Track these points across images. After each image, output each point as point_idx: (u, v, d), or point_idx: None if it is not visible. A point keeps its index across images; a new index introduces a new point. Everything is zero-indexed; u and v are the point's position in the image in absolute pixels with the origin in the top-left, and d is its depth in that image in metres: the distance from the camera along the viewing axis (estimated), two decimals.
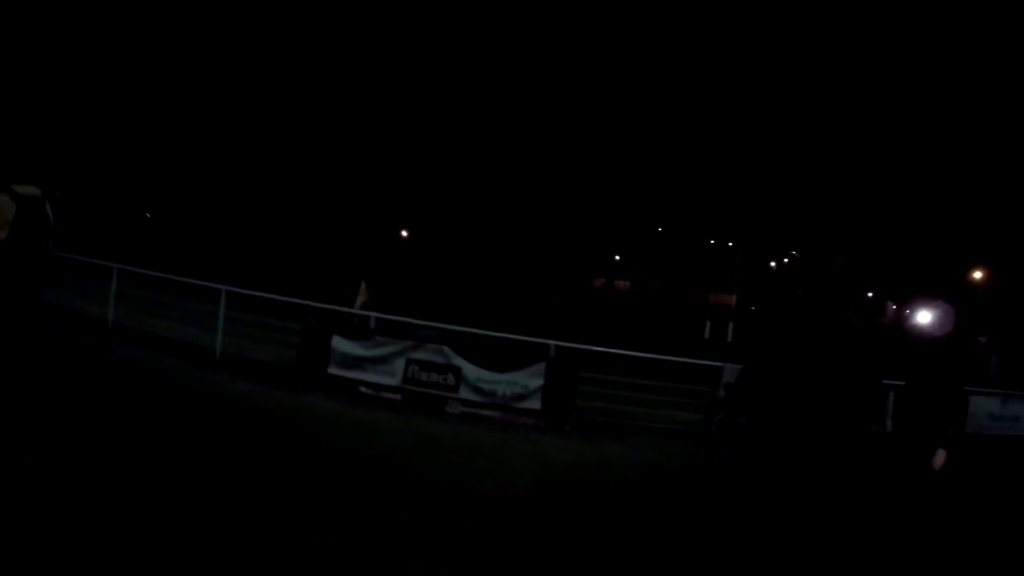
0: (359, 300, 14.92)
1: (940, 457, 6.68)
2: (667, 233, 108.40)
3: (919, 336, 7.04)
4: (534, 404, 11.29)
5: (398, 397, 11.47)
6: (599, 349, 12.62)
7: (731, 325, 53.07)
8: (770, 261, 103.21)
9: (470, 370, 11.42)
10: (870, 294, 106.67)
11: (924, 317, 7.01)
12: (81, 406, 7.71)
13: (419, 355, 11.59)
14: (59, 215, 6.05)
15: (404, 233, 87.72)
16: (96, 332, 13.04)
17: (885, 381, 9.76)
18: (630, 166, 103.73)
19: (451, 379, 11.44)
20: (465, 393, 11.38)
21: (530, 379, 11.36)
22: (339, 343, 11.85)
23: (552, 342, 12.01)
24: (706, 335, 53.81)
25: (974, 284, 60.11)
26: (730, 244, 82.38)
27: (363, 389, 11.56)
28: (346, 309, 13.89)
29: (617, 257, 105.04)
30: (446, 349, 11.59)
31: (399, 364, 11.58)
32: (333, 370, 11.75)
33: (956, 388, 6.83)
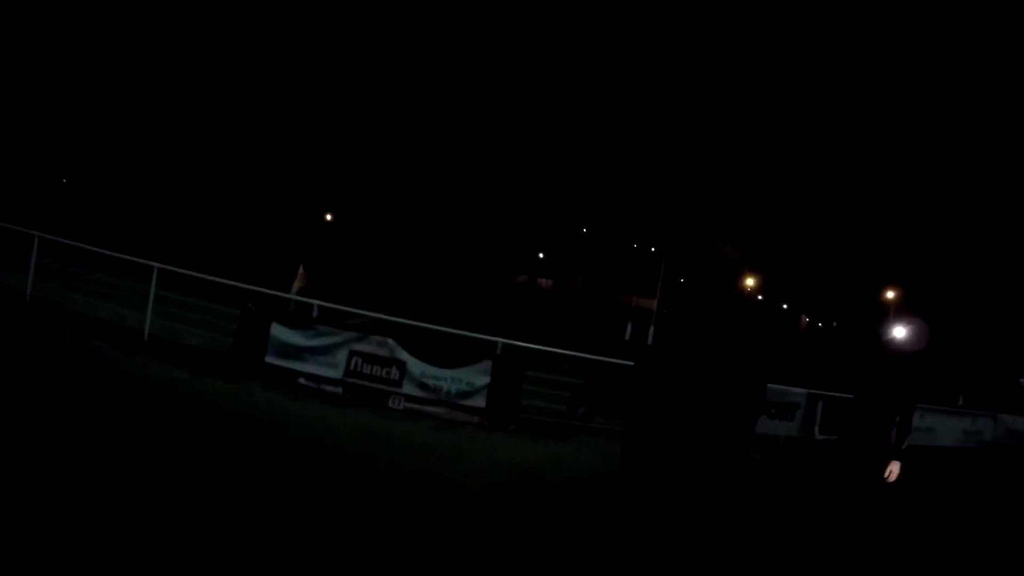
0: (296, 285, 14.41)
1: (895, 468, 6.66)
2: (591, 234, 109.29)
3: (892, 349, 7.02)
4: (479, 402, 11.03)
5: (339, 390, 11.04)
6: (546, 349, 12.43)
7: (652, 328, 53.64)
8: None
9: (415, 365, 11.07)
10: (784, 306, 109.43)
11: (900, 332, 7.03)
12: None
13: (363, 347, 11.17)
14: None
15: (328, 217, 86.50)
16: (13, 306, 12.28)
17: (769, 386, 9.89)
18: (558, 164, 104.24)
19: (395, 373, 11.07)
20: (409, 388, 11.03)
21: (476, 376, 11.09)
22: (278, 331, 11.34)
23: (500, 340, 11.75)
24: (627, 337, 54.28)
25: (885, 303, 61.90)
26: (652, 249, 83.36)
27: (302, 380, 11.09)
28: (284, 295, 13.37)
29: (541, 255, 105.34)
30: (391, 342, 11.21)
31: (342, 356, 11.15)
32: (271, 359, 11.24)
33: (909, 400, 6.87)
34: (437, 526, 6.06)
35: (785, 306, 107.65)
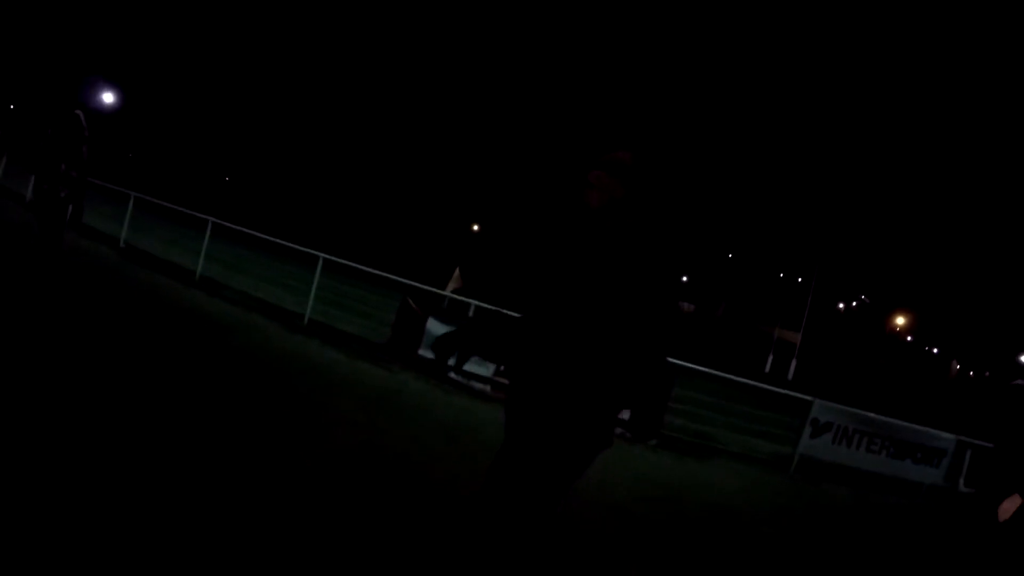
0: (451, 286, 14.84)
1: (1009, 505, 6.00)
2: (737, 260, 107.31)
3: None
4: (623, 414, 11.05)
5: (487, 388, 11.33)
6: (693, 367, 12.40)
7: (794, 363, 52.21)
8: (839, 303, 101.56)
9: None
10: (935, 350, 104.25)
11: None
12: (191, 365, 7.78)
13: None
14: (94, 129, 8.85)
15: (475, 227, 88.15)
16: (187, 282, 13.26)
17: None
18: (705, 191, 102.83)
19: None
20: None
21: None
22: (434, 326, 11.74)
23: None
24: (767, 369, 53.04)
25: None
26: (799, 280, 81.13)
27: (453, 375, 11.44)
28: (440, 291, 13.81)
29: (684, 278, 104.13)
30: None
31: None
32: (425, 352, 11.66)
33: None
34: (582, 523, 6.15)
35: (936, 350, 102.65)
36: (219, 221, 14.89)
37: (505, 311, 11.09)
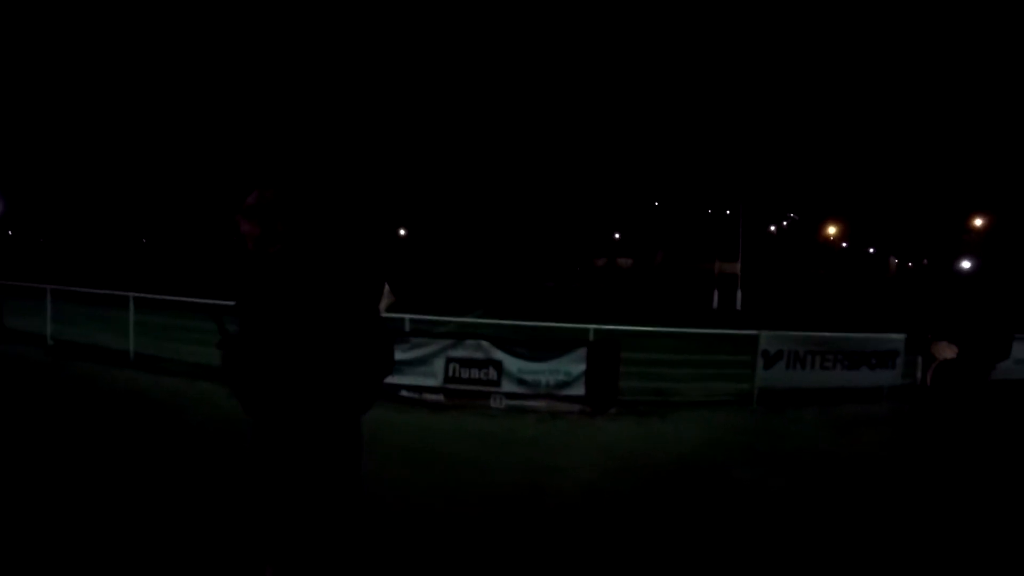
0: (384, 303, 14.75)
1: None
2: (664, 206, 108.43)
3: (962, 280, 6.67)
4: (578, 390, 11.18)
5: (440, 397, 11.35)
6: (638, 329, 12.53)
7: (739, 293, 52.98)
8: (770, 225, 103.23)
9: (511, 362, 11.30)
10: (871, 250, 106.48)
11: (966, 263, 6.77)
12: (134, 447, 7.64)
13: (458, 352, 11.46)
14: None
15: (402, 232, 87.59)
16: (119, 363, 13.04)
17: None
18: (621, 144, 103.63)
19: (493, 373, 11.33)
20: (508, 386, 11.26)
21: (572, 365, 11.25)
22: None
23: (591, 326, 11.89)
24: (715, 305, 53.74)
25: (975, 231, 60.00)
26: (728, 212, 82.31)
27: (404, 393, 11.41)
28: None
29: (617, 235, 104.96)
30: (485, 343, 11.46)
31: (439, 364, 11.45)
32: None
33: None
34: (551, 518, 6.20)
35: (872, 250, 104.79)
36: (140, 295, 14.64)
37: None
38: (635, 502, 6.73)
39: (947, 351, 5.90)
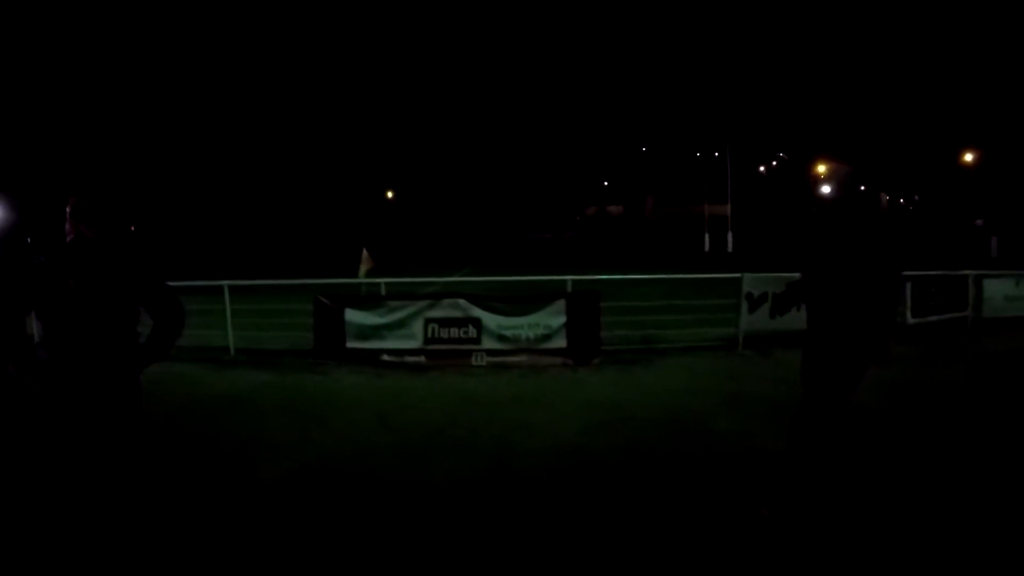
0: (363, 268, 14.60)
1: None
2: (652, 151, 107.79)
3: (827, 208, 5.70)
4: (560, 343, 11.06)
5: (422, 359, 11.22)
6: (613, 277, 12.38)
7: (730, 235, 52.89)
8: (759, 166, 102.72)
9: (490, 319, 11.15)
10: (862, 187, 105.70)
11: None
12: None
13: (436, 313, 11.31)
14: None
15: (389, 194, 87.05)
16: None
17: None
18: (605, 90, 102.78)
19: (472, 331, 11.18)
20: (489, 343, 11.13)
21: (552, 318, 11.11)
22: (352, 315, 11.55)
23: (568, 277, 11.74)
24: (706, 248, 53.68)
25: (966, 166, 59.60)
26: (716, 154, 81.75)
27: (385, 357, 11.29)
28: (353, 280, 13.59)
29: (606, 183, 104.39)
30: (462, 302, 11.31)
31: (418, 325, 11.30)
32: (352, 343, 11.47)
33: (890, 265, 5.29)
34: (533, 475, 6.09)
35: (863, 187, 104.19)
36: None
37: None
38: (612, 463, 6.44)
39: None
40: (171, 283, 4.76)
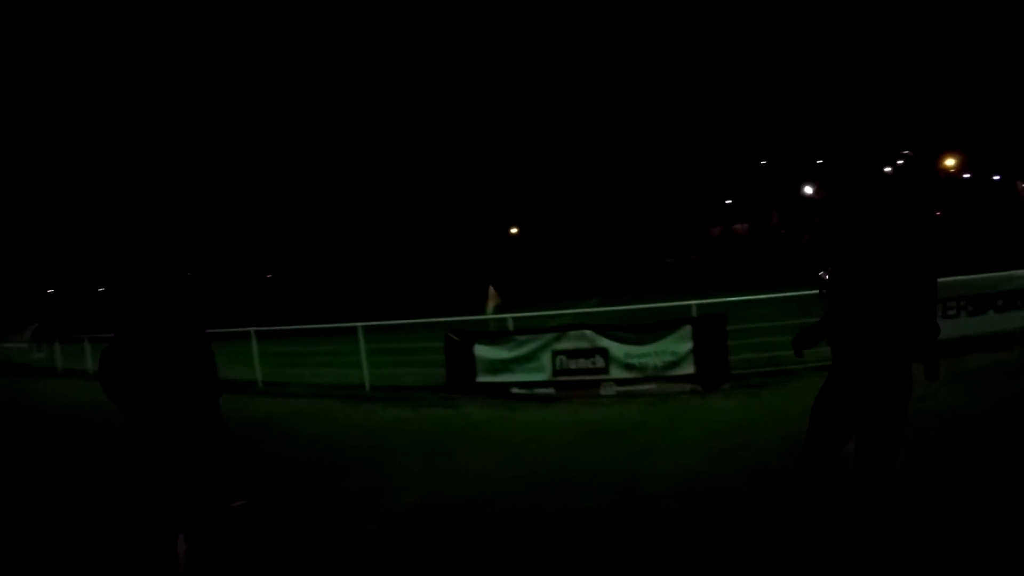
0: (490, 304, 14.98)
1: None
2: (772, 163, 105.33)
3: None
4: (687, 369, 11.03)
5: (551, 391, 11.46)
6: (740, 299, 12.31)
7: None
8: (885, 167, 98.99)
9: (617, 348, 11.27)
10: (996, 177, 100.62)
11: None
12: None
13: (564, 344, 11.53)
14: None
15: (513, 230, 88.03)
16: (248, 391, 13.71)
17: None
18: (719, 105, 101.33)
19: (600, 361, 11.34)
20: (617, 372, 11.24)
21: (678, 344, 11.11)
22: (481, 350, 11.96)
23: (693, 302, 11.75)
24: None
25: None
26: (840, 160, 79.50)
27: (515, 390, 11.61)
28: (481, 317, 14.04)
29: (728, 201, 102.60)
30: (589, 332, 11.49)
31: (546, 358, 11.56)
32: (482, 378, 11.88)
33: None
34: (659, 504, 6.11)
35: (997, 176, 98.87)
36: (260, 328, 15.66)
37: None
38: (739, 490, 6.28)
39: None
40: (312, 326, 4.97)
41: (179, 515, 4.31)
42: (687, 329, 11.17)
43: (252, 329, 15.41)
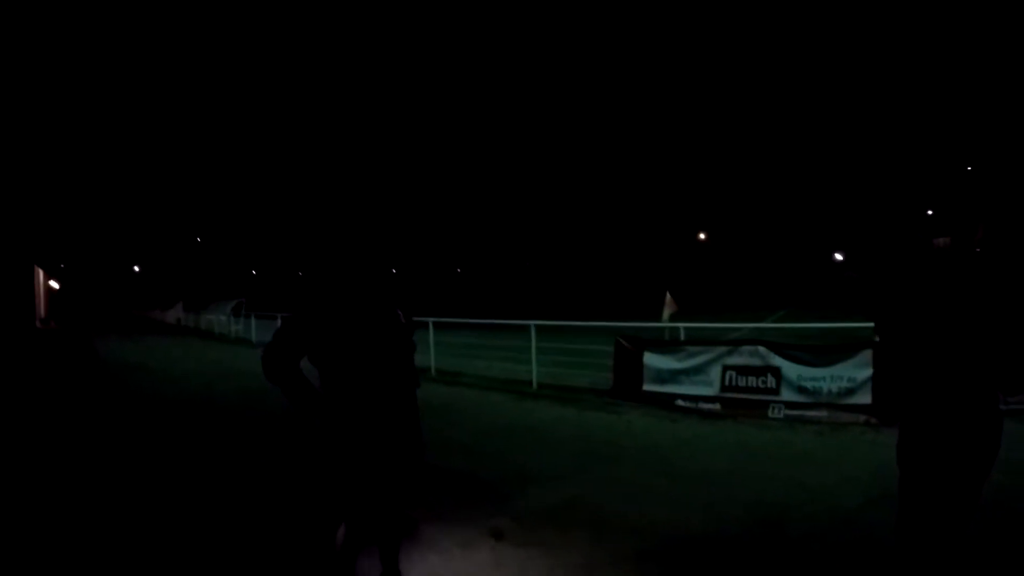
0: (667, 311, 14.84)
1: None
2: (979, 171, 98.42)
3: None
4: (863, 399, 10.32)
5: (716, 407, 11.22)
6: None
7: None
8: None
9: (790, 368, 10.83)
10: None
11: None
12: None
13: (735, 360, 11.25)
14: None
15: (702, 236, 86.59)
16: (424, 379, 14.40)
17: None
18: (924, 104, 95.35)
19: (771, 381, 10.95)
20: (787, 394, 10.79)
21: (856, 370, 10.44)
22: (651, 359, 11.91)
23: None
24: None
25: None
26: None
27: (680, 402, 11.47)
28: (655, 324, 14.00)
29: (929, 212, 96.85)
30: (762, 349, 11.11)
31: (715, 372, 11.34)
32: (649, 386, 11.83)
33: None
34: (803, 543, 5.80)
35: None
36: (438, 319, 16.59)
37: None
38: (886, 547, 5.90)
39: None
40: (487, 321, 5.01)
41: (370, 525, 4.33)
42: (867, 354, 10.47)
43: (431, 320, 16.02)
